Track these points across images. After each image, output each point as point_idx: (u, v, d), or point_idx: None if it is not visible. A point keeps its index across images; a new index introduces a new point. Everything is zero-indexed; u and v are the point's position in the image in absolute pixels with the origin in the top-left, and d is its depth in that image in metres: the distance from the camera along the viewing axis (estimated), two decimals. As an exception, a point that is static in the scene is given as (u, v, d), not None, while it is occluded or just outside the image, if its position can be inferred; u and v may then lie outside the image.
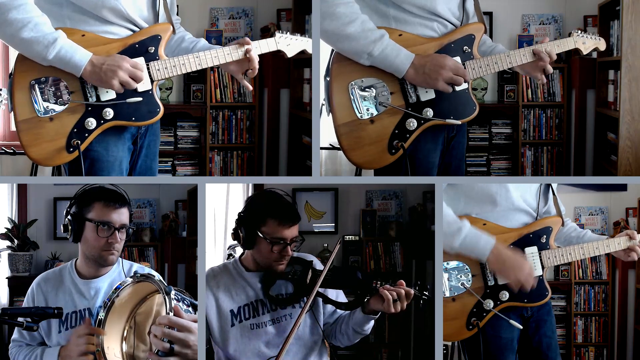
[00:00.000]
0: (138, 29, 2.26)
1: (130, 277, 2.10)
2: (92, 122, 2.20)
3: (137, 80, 2.19)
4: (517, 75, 4.40)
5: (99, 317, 2.07)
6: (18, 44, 2.13)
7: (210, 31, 4.33)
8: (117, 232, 2.17)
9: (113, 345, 2.08)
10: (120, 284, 2.09)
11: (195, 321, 1.83)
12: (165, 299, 1.87)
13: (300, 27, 4.17)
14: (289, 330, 2.20)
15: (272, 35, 2.41)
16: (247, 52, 2.30)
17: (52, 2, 2.19)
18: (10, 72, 2.22)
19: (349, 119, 2.28)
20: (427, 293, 2.16)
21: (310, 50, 2.45)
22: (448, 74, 2.23)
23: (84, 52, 2.15)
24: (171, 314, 1.82)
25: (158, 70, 2.24)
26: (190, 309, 1.94)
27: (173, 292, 1.91)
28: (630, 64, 3.61)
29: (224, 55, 2.31)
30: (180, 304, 1.89)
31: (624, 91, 3.63)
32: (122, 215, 2.19)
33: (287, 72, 4.29)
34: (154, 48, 2.25)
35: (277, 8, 4.35)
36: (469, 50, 2.30)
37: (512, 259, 2.25)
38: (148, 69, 2.23)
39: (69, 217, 2.19)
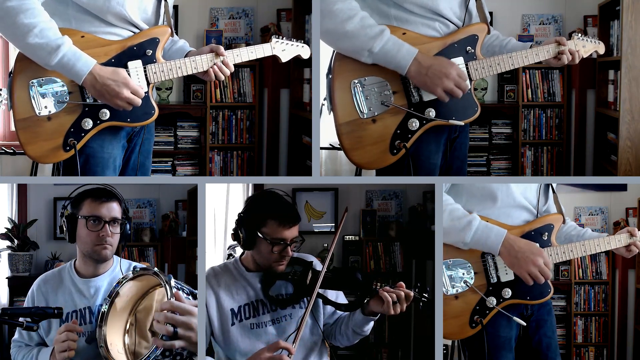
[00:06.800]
0: (140, 31, 2.27)
1: (130, 271, 2.13)
2: (88, 122, 2.21)
3: (134, 105, 2.20)
4: (517, 75, 4.39)
5: (102, 310, 2.11)
6: (23, 48, 2.14)
7: (210, 31, 4.33)
8: (107, 225, 2.21)
9: (116, 341, 2.10)
10: (123, 278, 2.12)
11: (195, 306, 1.85)
12: (165, 286, 1.92)
13: (300, 27, 4.16)
14: (289, 331, 2.21)
15: (272, 35, 2.42)
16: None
17: (58, 1, 2.19)
18: (10, 71, 2.23)
19: (350, 118, 2.27)
20: (426, 295, 2.16)
21: (305, 56, 2.46)
22: (450, 84, 2.22)
23: (87, 61, 2.14)
24: (172, 299, 1.84)
25: (155, 73, 2.25)
26: (189, 297, 1.97)
27: (173, 281, 1.95)
28: (630, 64, 3.61)
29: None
30: (180, 292, 1.92)
31: (624, 91, 3.62)
32: (111, 210, 2.23)
33: (287, 72, 4.28)
34: (151, 51, 2.25)
35: (277, 8, 4.35)
36: (472, 50, 2.29)
37: (524, 249, 2.21)
38: (145, 71, 2.23)
39: (63, 218, 2.24)
